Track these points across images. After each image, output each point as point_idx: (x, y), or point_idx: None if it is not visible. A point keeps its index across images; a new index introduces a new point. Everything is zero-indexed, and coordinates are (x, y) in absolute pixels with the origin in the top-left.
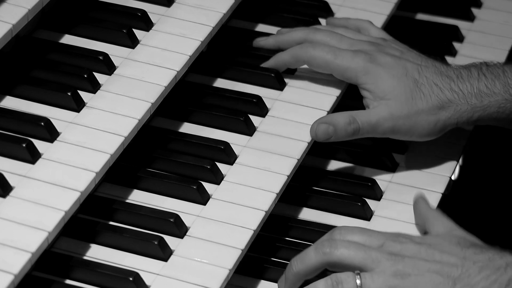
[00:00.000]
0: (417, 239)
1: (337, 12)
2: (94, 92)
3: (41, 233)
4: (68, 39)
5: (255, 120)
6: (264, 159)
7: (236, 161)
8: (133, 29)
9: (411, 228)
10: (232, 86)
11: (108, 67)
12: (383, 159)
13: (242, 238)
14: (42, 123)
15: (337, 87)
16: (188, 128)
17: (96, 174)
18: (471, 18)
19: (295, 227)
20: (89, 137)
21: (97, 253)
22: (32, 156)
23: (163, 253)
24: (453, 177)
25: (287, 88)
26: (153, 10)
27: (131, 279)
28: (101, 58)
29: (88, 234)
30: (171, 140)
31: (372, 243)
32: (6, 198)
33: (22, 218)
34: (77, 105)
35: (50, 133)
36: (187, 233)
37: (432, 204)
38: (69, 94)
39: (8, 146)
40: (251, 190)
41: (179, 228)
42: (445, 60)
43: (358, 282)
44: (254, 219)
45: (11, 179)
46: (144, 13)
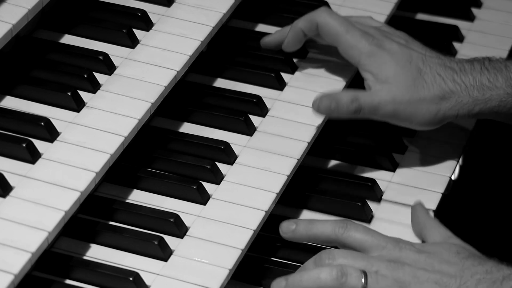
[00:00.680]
0: (416, 247)
1: (337, 12)
2: (94, 92)
3: (41, 233)
4: (68, 39)
5: (255, 120)
6: (264, 159)
7: (236, 161)
8: (133, 29)
9: (411, 230)
10: (232, 86)
11: (108, 67)
12: (383, 159)
13: (242, 238)
14: (42, 123)
15: (337, 87)
16: (188, 128)
17: (96, 174)
18: (471, 18)
19: None
20: (89, 137)
21: (97, 253)
22: (32, 156)
23: (163, 253)
24: (453, 177)
25: (287, 88)
26: (153, 10)
27: (131, 279)
28: (101, 58)
29: (88, 234)
30: (171, 140)
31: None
32: (6, 198)
33: (22, 218)
34: (77, 105)
35: (50, 133)
36: (187, 233)
37: (432, 204)
38: (69, 94)
39: (8, 146)
40: (251, 190)
41: (179, 228)
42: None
43: (363, 281)
44: (254, 219)
45: (11, 179)
46: (144, 13)
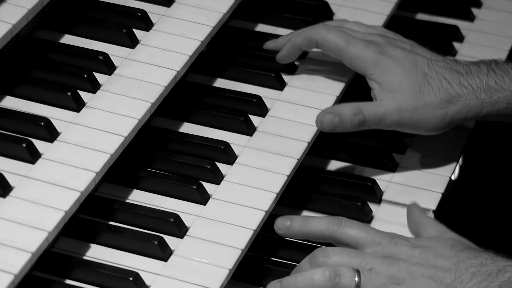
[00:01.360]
0: (411, 241)
1: (337, 12)
2: (94, 92)
3: (41, 233)
4: (68, 39)
5: (255, 120)
6: (264, 159)
7: (236, 161)
8: (133, 29)
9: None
10: (232, 86)
11: (108, 67)
12: (383, 159)
13: (242, 238)
14: (42, 123)
15: (337, 87)
16: (188, 128)
17: (96, 174)
18: (471, 18)
19: None
20: (89, 137)
21: (97, 253)
22: (32, 156)
23: (163, 253)
24: (453, 177)
25: (287, 88)
26: (153, 10)
27: (131, 279)
28: (101, 58)
29: (88, 234)
30: (171, 140)
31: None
32: (6, 198)
33: (22, 218)
34: (77, 105)
35: (50, 133)
36: (187, 233)
37: (432, 204)
38: (69, 94)
39: (8, 146)
40: (251, 190)
41: (179, 228)
42: None
43: (356, 279)
44: (254, 219)
45: (11, 179)
46: (144, 13)
